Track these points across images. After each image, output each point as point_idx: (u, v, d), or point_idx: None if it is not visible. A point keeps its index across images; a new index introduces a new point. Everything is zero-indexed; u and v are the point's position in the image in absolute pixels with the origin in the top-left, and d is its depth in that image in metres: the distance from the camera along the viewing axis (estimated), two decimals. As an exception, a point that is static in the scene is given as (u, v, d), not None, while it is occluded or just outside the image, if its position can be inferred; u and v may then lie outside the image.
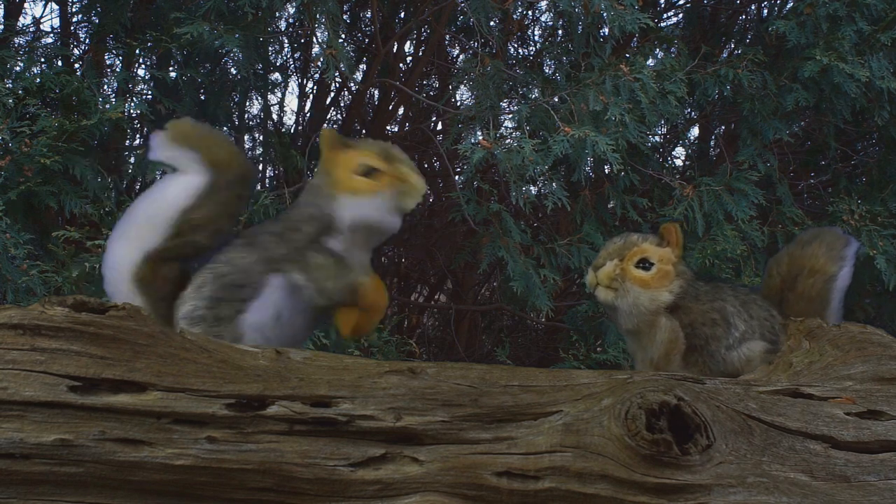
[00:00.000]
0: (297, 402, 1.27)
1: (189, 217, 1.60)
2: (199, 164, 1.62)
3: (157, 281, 1.59)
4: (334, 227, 1.59)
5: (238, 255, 1.59)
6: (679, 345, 1.69)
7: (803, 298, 1.80)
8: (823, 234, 1.86)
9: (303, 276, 1.57)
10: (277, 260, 1.57)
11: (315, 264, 1.57)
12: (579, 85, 2.95)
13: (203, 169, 1.62)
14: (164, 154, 1.63)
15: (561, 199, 2.85)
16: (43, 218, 2.85)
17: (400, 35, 3.69)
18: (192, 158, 1.62)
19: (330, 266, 1.57)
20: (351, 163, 1.60)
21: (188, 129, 1.65)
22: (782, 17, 3.29)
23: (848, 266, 1.82)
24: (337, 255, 1.59)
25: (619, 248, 1.73)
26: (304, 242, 1.58)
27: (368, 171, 1.59)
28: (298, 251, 1.58)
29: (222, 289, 1.56)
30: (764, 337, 1.71)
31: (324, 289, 1.57)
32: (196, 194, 1.61)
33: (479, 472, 1.25)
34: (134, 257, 1.58)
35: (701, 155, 4.01)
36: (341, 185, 1.59)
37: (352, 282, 1.58)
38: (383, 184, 1.59)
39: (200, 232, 1.61)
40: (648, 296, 1.69)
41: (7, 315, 1.27)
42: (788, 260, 1.85)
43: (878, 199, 3.27)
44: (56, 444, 1.21)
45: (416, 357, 3.17)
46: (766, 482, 1.22)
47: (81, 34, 3.44)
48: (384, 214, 1.60)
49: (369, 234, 1.62)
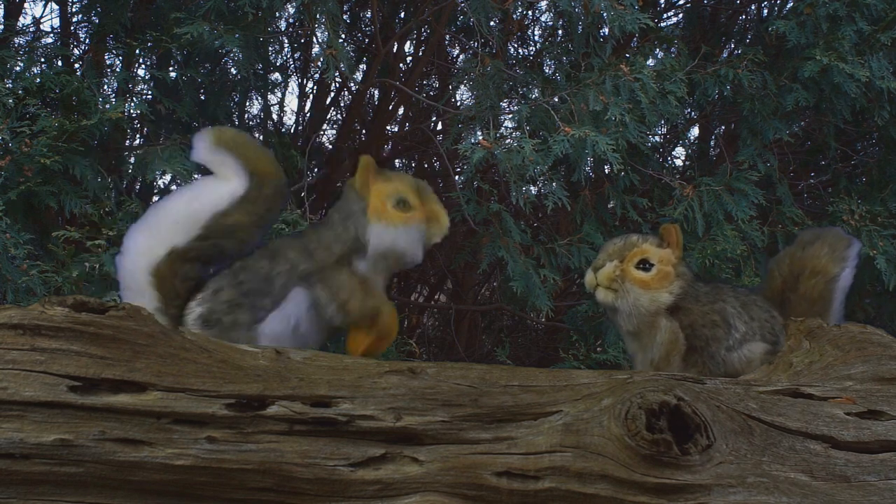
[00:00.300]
0: (297, 402, 1.27)
1: (220, 221, 1.62)
2: (240, 172, 1.64)
3: (175, 279, 1.60)
4: (360, 251, 1.63)
5: (260, 264, 1.61)
6: (679, 346, 1.69)
7: (805, 299, 1.79)
8: (825, 234, 1.86)
9: (327, 293, 1.60)
10: (302, 274, 1.60)
11: (339, 283, 1.61)
12: (579, 85, 2.95)
13: (243, 177, 1.64)
14: (208, 157, 1.66)
15: (561, 199, 2.85)
16: (43, 218, 2.85)
17: (400, 35, 3.69)
18: (234, 165, 1.65)
19: (354, 287, 1.61)
20: (387, 193, 1.65)
21: (233, 135, 1.69)
22: (782, 17, 3.29)
23: (850, 267, 1.81)
24: (361, 277, 1.63)
25: (619, 248, 1.73)
26: (332, 261, 1.62)
27: (403, 203, 1.64)
28: (326, 268, 1.61)
29: (242, 294, 1.58)
30: (765, 338, 1.71)
31: (346, 308, 1.61)
32: (231, 200, 1.63)
33: (479, 472, 1.25)
34: (156, 251, 1.60)
35: (701, 155, 4.01)
36: (376, 212, 1.63)
37: (374, 306, 1.63)
38: (413, 217, 1.65)
39: (228, 238, 1.63)
40: (648, 297, 1.69)
41: (7, 315, 1.27)
42: (790, 261, 1.85)
43: (878, 199, 3.27)
44: (56, 444, 1.21)
45: (416, 357, 3.17)
46: (766, 482, 1.22)
47: (81, 34, 3.44)
48: (412, 245, 1.65)
49: (394, 262, 1.67)
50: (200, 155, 1.66)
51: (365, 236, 1.63)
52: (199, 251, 1.61)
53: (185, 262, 1.60)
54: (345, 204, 1.68)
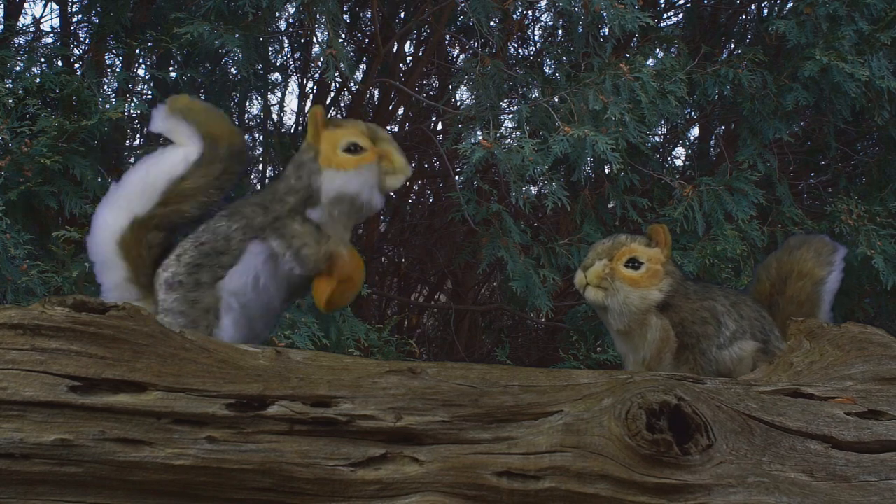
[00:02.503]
0: (297, 402, 1.27)
1: (178, 187, 1.64)
2: (193, 136, 1.66)
3: (141, 247, 1.63)
4: (316, 199, 1.64)
5: (219, 224, 1.64)
6: (670, 343, 1.69)
7: (793, 302, 1.81)
8: (811, 240, 1.89)
9: (281, 242, 1.62)
10: (257, 227, 1.63)
11: (293, 232, 1.62)
12: (579, 85, 2.95)
13: (197, 140, 1.66)
14: (163, 125, 1.68)
15: (561, 198, 2.85)
16: (43, 218, 2.85)
17: (400, 35, 3.69)
18: (188, 130, 1.67)
19: (308, 234, 1.63)
20: (337, 139, 1.65)
21: (186, 102, 1.70)
22: (782, 16, 3.29)
23: (836, 271, 1.84)
24: (316, 225, 1.64)
25: (608, 248, 1.73)
26: (286, 212, 1.64)
27: (354, 148, 1.64)
28: (279, 219, 1.63)
29: (202, 255, 1.60)
30: (755, 336, 1.72)
31: (300, 255, 1.62)
32: (186, 165, 1.65)
33: (479, 472, 1.25)
34: (120, 223, 1.62)
35: (701, 155, 4.01)
36: (326, 159, 1.64)
37: (328, 251, 1.63)
38: (364, 159, 1.64)
39: (188, 202, 1.65)
40: (638, 294, 1.69)
41: (7, 315, 1.27)
42: (777, 265, 1.87)
43: (877, 199, 3.27)
44: (56, 444, 1.21)
45: (416, 357, 3.17)
46: (766, 482, 1.22)
47: (81, 34, 3.43)
48: (366, 190, 1.65)
49: (350, 208, 1.66)
50: (157, 125, 1.68)
51: (317, 184, 1.63)
52: (160, 218, 1.64)
53: (148, 230, 1.63)
54: (298, 156, 1.70)
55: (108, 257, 1.62)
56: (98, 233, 1.63)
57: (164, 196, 1.64)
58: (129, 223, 1.62)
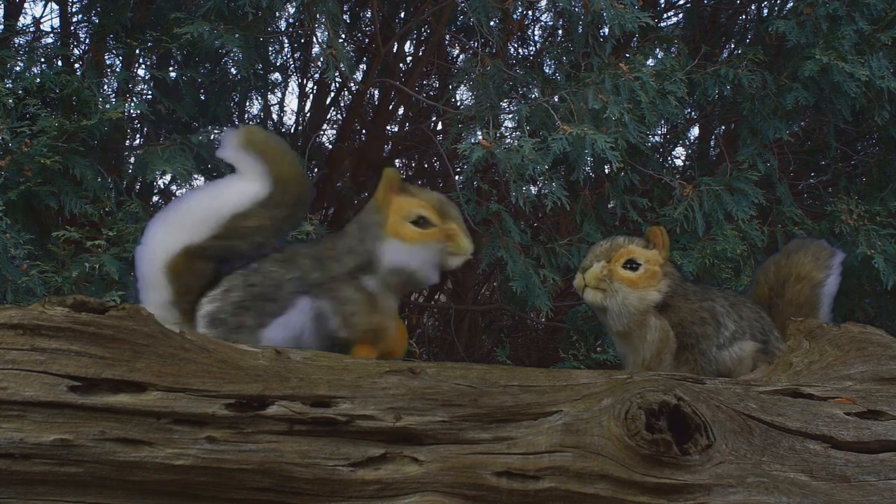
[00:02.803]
0: (297, 402, 1.27)
1: (239, 223, 1.61)
2: (264, 175, 1.63)
3: (189, 275, 1.60)
4: (374, 267, 1.60)
5: (272, 269, 1.60)
6: (670, 343, 1.69)
7: (792, 304, 1.81)
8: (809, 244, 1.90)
9: (331, 305, 1.58)
10: (311, 283, 1.59)
11: (345, 297, 1.58)
12: (579, 84, 2.95)
13: (266, 180, 1.62)
14: (233, 156, 1.64)
15: (560, 198, 2.85)
16: (43, 218, 2.85)
17: (400, 35, 3.69)
18: (259, 167, 1.63)
19: (361, 302, 1.59)
20: (406, 209, 1.61)
21: (262, 137, 1.67)
22: (782, 16, 3.29)
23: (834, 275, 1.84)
24: (369, 293, 1.60)
25: (606, 250, 1.74)
26: (341, 274, 1.60)
27: (423, 221, 1.60)
28: (333, 280, 1.59)
29: (251, 297, 1.57)
30: (755, 337, 1.72)
31: (349, 323, 1.59)
32: (252, 202, 1.62)
33: (479, 472, 1.25)
34: (173, 246, 1.59)
35: (701, 155, 4.01)
36: (393, 228, 1.60)
37: (378, 323, 1.60)
38: (430, 236, 1.60)
39: (245, 239, 1.62)
40: (637, 295, 1.70)
41: (7, 315, 1.27)
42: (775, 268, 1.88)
43: (877, 199, 3.27)
44: (56, 444, 1.21)
45: (416, 357, 3.17)
46: (766, 482, 1.22)
47: (81, 34, 3.43)
48: (425, 266, 1.62)
49: (406, 281, 1.63)
50: (228, 153, 1.64)
51: (378, 251, 1.60)
52: (214, 250, 1.61)
53: (199, 259, 1.60)
54: (364, 216, 1.66)
55: (155, 277, 1.59)
56: (148, 250, 1.60)
57: (223, 230, 1.60)
58: (183, 248, 1.59)
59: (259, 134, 1.67)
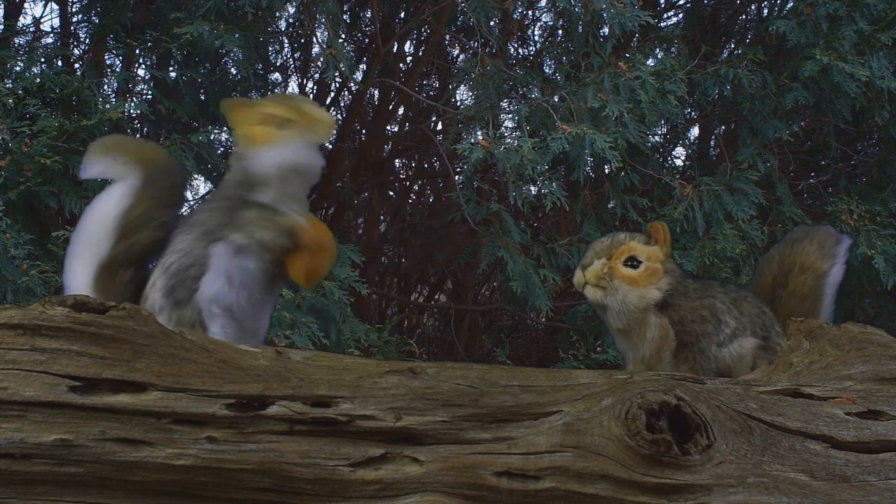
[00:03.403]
0: (297, 402, 1.27)
1: (126, 220, 1.64)
2: (129, 165, 1.67)
3: (116, 287, 1.61)
4: (257, 182, 1.63)
5: (179, 240, 1.62)
6: (669, 342, 1.69)
7: (795, 296, 1.79)
8: (814, 231, 1.86)
9: (240, 234, 1.60)
10: (214, 230, 1.61)
11: (247, 220, 1.60)
12: (579, 84, 2.95)
13: (133, 168, 1.66)
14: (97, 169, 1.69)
15: (560, 198, 2.85)
16: (43, 218, 2.85)
17: (400, 35, 3.69)
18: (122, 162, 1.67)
19: (261, 217, 1.61)
20: (252, 118, 1.65)
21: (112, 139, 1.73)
22: (782, 16, 3.29)
23: (840, 263, 1.81)
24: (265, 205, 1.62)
25: (607, 247, 1.73)
26: (234, 204, 1.62)
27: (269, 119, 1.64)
28: (230, 214, 1.62)
29: (173, 276, 1.59)
30: (755, 333, 1.71)
31: (262, 240, 1.60)
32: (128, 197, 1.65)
33: (479, 472, 1.25)
34: (89, 270, 1.62)
35: (701, 155, 4.01)
36: (249, 140, 1.64)
37: (285, 224, 1.61)
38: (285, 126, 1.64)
39: (143, 229, 1.64)
40: (637, 293, 1.69)
41: (7, 315, 1.27)
42: (779, 258, 1.85)
43: (877, 199, 3.27)
44: (56, 444, 1.21)
45: (416, 357, 3.17)
46: (766, 482, 1.21)
47: (81, 34, 3.44)
48: (299, 153, 1.65)
49: (294, 177, 1.65)
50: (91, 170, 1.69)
51: (253, 167, 1.63)
52: (123, 254, 1.63)
53: (116, 269, 1.62)
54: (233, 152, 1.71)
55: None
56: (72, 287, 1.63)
57: (120, 231, 1.63)
58: (97, 268, 1.61)
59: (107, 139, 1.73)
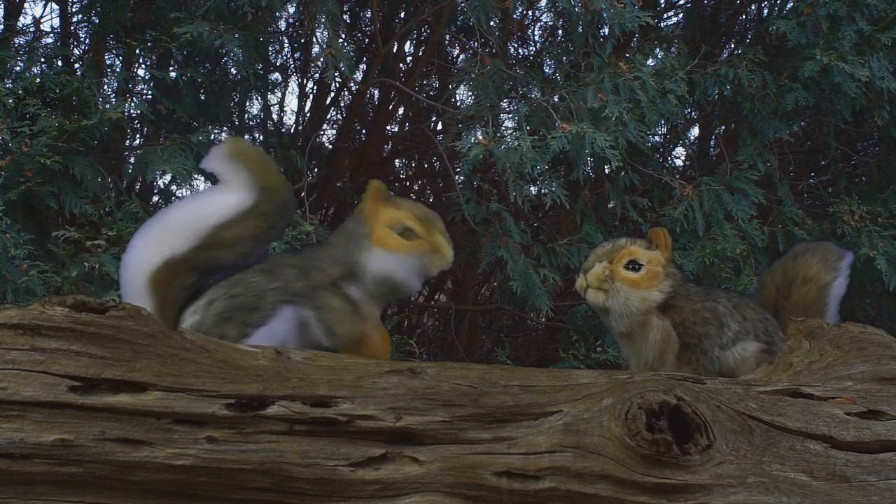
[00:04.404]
0: (297, 402, 1.27)
1: (221, 233, 1.61)
2: (249, 185, 1.63)
3: (172, 287, 1.59)
4: (357, 276, 1.61)
5: (255, 279, 1.60)
6: (672, 344, 1.69)
7: (798, 306, 1.81)
8: (817, 246, 1.89)
9: (314, 314, 1.58)
10: (294, 292, 1.58)
11: (329, 306, 1.58)
12: (579, 84, 2.95)
13: (249, 190, 1.63)
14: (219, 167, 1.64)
15: (560, 197, 2.85)
16: (43, 218, 2.85)
17: (400, 35, 3.69)
18: (244, 177, 1.63)
19: (343, 311, 1.59)
20: (390, 219, 1.63)
21: (245, 148, 1.68)
22: (782, 16, 3.29)
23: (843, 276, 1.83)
24: (352, 301, 1.60)
25: (608, 251, 1.74)
26: (324, 282, 1.60)
27: (406, 231, 1.62)
28: (316, 289, 1.59)
29: (232, 309, 1.56)
30: (758, 338, 1.71)
31: (332, 332, 1.58)
32: (233, 213, 1.61)
33: (479, 472, 1.25)
34: (155, 258, 1.59)
35: (701, 155, 4.01)
36: (376, 237, 1.61)
37: (361, 331, 1.60)
38: (416, 246, 1.62)
39: (228, 250, 1.61)
40: (639, 296, 1.69)
41: (7, 315, 1.27)
42: (782, 270, 1.87)
43: (878, 200, 3.27)
44: (56, 444, 1.21)
45: (416, 357, 3.17)
46: (766, 482, 1.21)
47: (81, 34, 3.44)
48: (409, 275, 1.63)
49: (390, 290, 1.64)
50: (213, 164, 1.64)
51: (364, 261, 1.61)
52: (195, 262, 1.60)
53: (181, 271, 1.60)
54: (349, 226, 1.66)
55: (137, 289, 1.58)
56: (131, 262, 1.59)
57: (204, 240, 1.60)
58: (165, 260, 1.58)
59: (243, 144, 1.69)
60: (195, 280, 1.62)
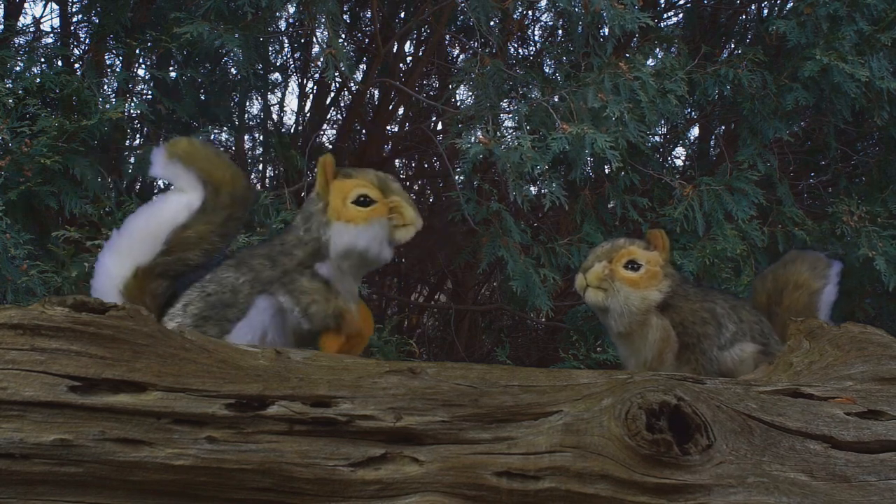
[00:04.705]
0: (297, 402, 1.27)
1: (181, 235, 1.62)
2: (194, 183, 1.64)
3: (145, 296, 1.60)
4: (325, 253, 1.61)
5: (227, 274, 1.60)
6: (672, 343, 1.70)
7: (790, 311, 1.83)
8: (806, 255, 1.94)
9: (289, 298, 1.58)
10: (266, 282, 1.59)
11: (302, 288, 1.59)
12: (579, 84, 2.95)
13: (199, 187, 1.63)
14: (163, 171, 1.66)
15: (559, 197, 2.85)
16: (43, 218, 2.85)
17: (400, 35, 3.69)
18: (188, 176, 1.64)
19: (317, 291, 1.59)
20: (347, 191, 1.61)
21: (186, 146, 1.67)
22: (782, 16, 3.29)
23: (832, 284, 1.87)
24: (325, 280, 1.60)
25: (608, 250, 1.75)
26: (294, 266, 1.60)
27: (364, 200, 1.61)
28: (287, 274, 1.59)
29: (209, 307, 1.57)
30: (755, 339, 1.73)
31: (309, 313, 1.59)
32: (189, 212, 1.62)
33: (479, 472, 1.25)
34: (123, 271, 1.60)
35: (701, 155, 4.01)
36: (336, 212, 1.61)
37: (337, 308, 1.60)
38: (373, 212, 1.61)
39: (192, 250, 1.63)
40: (639, 295, 1.70)
41: (7, 315, 1.27)
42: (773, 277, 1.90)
43: (878, 200, 3.27)
44: (56, 444, 1.21)
45: (416, 357, 3.17)
46: (766, 482, 1.22)
47: (81, 34, 3.43)
48: (376, 244, 1.62)
49: (359, 262, 1.63)
50: (157, 170, 1.65)
51: (326, 237, 1.60)
52: (164, 266, 1.61)
53: (151, 279, 1.61)
54: (307, 206, 1.66)
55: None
56: (101, 280, 1.61)
57: (167, 245, 1.61)
58: (132, 272, 1.59)
59: (182, 143, 1.67)
60: (168, 285, 1.63)
